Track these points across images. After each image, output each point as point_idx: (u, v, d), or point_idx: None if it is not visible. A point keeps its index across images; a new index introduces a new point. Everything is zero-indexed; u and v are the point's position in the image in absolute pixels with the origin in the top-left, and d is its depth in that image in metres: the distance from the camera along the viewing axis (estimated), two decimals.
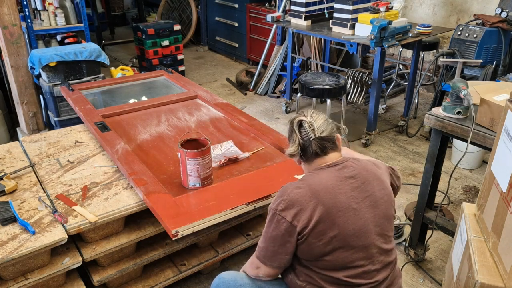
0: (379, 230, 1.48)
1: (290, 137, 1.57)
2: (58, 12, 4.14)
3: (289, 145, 1.56)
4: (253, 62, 6.03)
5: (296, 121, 1.53)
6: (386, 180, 1.57)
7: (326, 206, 1.40)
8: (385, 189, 1.53)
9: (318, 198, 1.41)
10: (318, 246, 1.40)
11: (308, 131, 1.49)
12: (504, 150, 1.48)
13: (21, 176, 2.22)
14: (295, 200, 1.42)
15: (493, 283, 1.39)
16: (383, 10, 3.53)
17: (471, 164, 3.47)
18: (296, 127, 1.51)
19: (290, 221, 1.40)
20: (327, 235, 1.39)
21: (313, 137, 1.49)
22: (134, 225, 2.07)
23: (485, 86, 2.20)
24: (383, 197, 1.51)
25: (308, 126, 1.50)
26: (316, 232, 1.39)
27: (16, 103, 3.77)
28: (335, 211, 1.40)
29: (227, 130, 2.70)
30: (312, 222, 1.39)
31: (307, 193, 1.42)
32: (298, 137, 1.51)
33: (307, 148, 1.51)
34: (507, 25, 3.29)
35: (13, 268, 1.76)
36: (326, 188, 1.43)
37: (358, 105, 4.70)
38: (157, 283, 2.12)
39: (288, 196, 1.44)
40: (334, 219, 1.40)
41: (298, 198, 1.42)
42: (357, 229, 1.42)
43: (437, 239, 2.69)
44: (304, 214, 1.40)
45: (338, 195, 1.43)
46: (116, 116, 2.86)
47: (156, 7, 7.81)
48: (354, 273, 1.44)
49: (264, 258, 1.50)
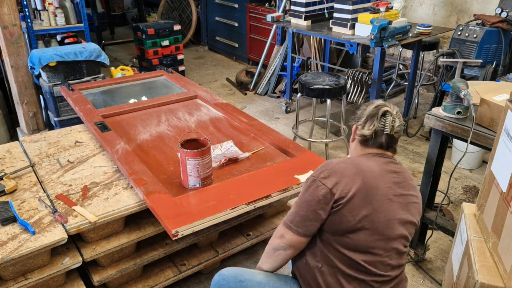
0: (403, 230, 1.50)
1: (368, 119, 1.58)
2: (58, 12, 4.14)
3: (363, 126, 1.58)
4: (253, 62, 6.03)
5: (383, 109, 1.56)
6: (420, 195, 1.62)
7: (366, 184, 1.44)
8: (418, 198, 1.57)
9: (361, 175, 1.45)
10: (348, 220, 1.42)
11: (387, 123, 1.54)
12: (504, 150, 1.48)
13: (21, 176, 2.22)
14: (339, 171, 1.46)
15: (493, 283, 1.39)
16: (383, 10, 3.53)
17: (471, 164, 3.47)
18: (380, 115, 1.55)
19: (330, 187, 1.43)
20: (360, 212, 1.42)
21: (388, 132, 1.54)
22: (134, 225, 2.07)
23: (485, 86, 2.20)
24: (415, 204, 1.55)
25: (391, 120, 1.54)
26: (351, 205, 1.42)
27: (16, 103, 3.78)
28: (373, 192, 1.44)
29: (227, 130, 2.70)
30: (350, 193, 1.42)
31: (352, 168, 1.47)
32: (377, 124, 1.55)
33: (378, 137, 1.56)
34: (507, 25, 3.29)
35: (13, 268, 1.76)
36: (371, 170, 1.48)
37: (358, 105, 4.69)
38: (157, 283, 2.12)
39: (332, 167, 1.48)
40: (370, 199, 1.43)
41: (343, 170, 1.46)
42: (387, 219, 1.45)
43: (437, 239, 2.69)
44: (344, 185, 1.43)
45: (380, 181, 1.47)
46: (116, 116, 2.86)
47: (156, 7, 7.81)
48: (372, 259, 1.45)
49: (291, 223, 1.50)
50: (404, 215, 1.50)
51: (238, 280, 1.60)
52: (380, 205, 1.44)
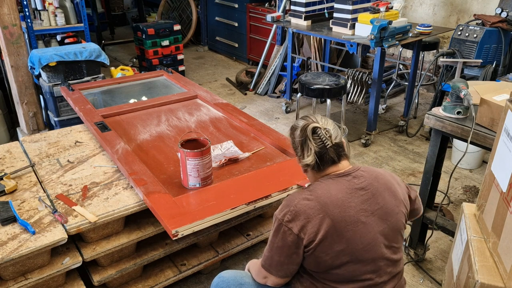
0: (388, 242, 1.44)
1: (302, 145, 1.46)
2: (58, 12, 4.14)
3: (302, 156, 1.46)
4: (253, 62, 6.03)
5: (309, 128, 1.43)
6: (400, 191, 1.51)
7: (334, 220, 1.35)
8: (396, 200, 1.47)
9: (326, 211, 1.36)
10: (325, 260, 1.37)
11: (323, 138, 1.42)
12: (504, 150, 1.48)
13: (21, 176, 2.22)
14: (302, 212, 1.37)
15: (493, 283, 1.39)
16: (383, 10, 3.53)
17: (471, 164, 3.47)
18: (310, 135, 1.43)
19: (297, 233, 1.36)
20: (334, 249, 1.36)
21: (330, 144, 1.43)
22: (134, 225, 2.07)
23: (485, 86, 2.20)
24: (394, 209, 1.46)
25: (324, 133, 1.43)
26: (323, 246, 1.36)
27: (16, 103, 3.77)
28: (343, 225, 1.36)
29: (227, 130, 2.70)
30: (319, 235, 1.35)
31: (315, 206, 1.37)
32: (313, 145, 1.42)
33: (323, 156, 1.43)
34: (507, 25, 3.29)
35: (13, 268, 1.76)
36: (336, 200, 1.38)
37: (358, 105, 4.70)
38: (157, 283, 2.12)
39: (295, 207, 1.38)
40: (342, 233, 1.36)
41: (306, 209, 1.37)
42: (366, 243, 1.39)
43: (437, 239, 2.69)
44: (311, 227, 1.35)
45: (347, 208, 1.38)
46: (116, 116, 2.86)
47: (156, 7, 7.81)
48: (361, 285, 1.41)
49: (270, 268, 1.46)
50: (385, 228, 1.43)
51: (238, 283, 1.59)
52: (354, 234, 1.37)
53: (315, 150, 1.43)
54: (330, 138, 1.43)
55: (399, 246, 1.50)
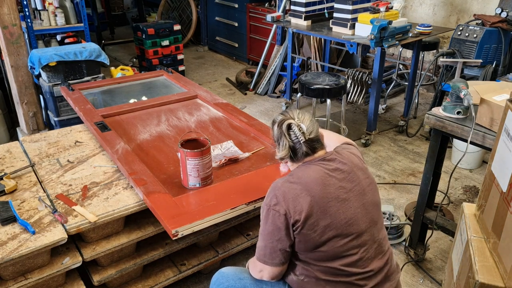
0: (370, 217, 1.51)
1: (278, 140, 1.55)
2: (58, 12, 4.14)
3: (278, 149, 1.56)
4: (253, 62, 6.03)
5: (285, 124, 1.51)
6: (366, 167, 1.61)
7: (316, 197, 1.43)
8: (369, 177, 1.56)
9: (309, 189, 1.44)
10: (313, 237, 1.42)
11: (297, 134, 1.50)
12: (504, 150, 1.48)
13: (21, 176, 2.22)
14: (287, 193, 1.44)
15: (493, 283, 1.39)
16: (383, 10, 3.53)
17: (471, 164, 3.47)
18: (285, 131, 1.51)
19: (284, 213, 1.42)
20: (320, 224, 1.42)
21: (303, 139, 1.50)
22: (134, 225, 2.07)
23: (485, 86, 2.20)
24: (369, 185, 1.55)
25: (298, 129, 1.50)
26: (310, 223, 1.41)
27: (16, 103, 3.77)
28: (325, 201, 1.44)
29: (227, 130, 2.70)
30: (304, 212, 1.41)
31: (297, 186, 1.45)
32: (288, 140, 1.51)
33: (297, 150, 1.52)
34: (507, 25, 3.29)
35: (13, 268, 1.76)
36: (315, 179, 1.46)
37: (358, 105, 4.70)
38: (157, 283, 2.12)
39: (279, 190, 1.46)
40: (325, 209, 1.43)
41: (289, 190, 1.45)
42: (348, 217, 1.45)
43: (437, 239, 2.69)
44: (296, 205, 1.42)
45: (327, 186, 1.46)
46: (116, 116, 2.86)
47: (156, 7, 7.81)
48: (349, 261, 1.46)
49: (264, 257, 1.50)
50: (364, 203, 1.50)
51: (237, 278, 1.62)
52: (337, 210, 1.44)
53: (290, 144, 1.51)
54: (304, 134, 1.50)
55: (381, 222, 1.57)
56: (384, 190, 3.23)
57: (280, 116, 1.57)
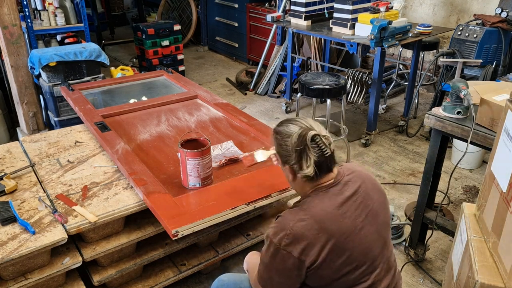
0: (382, 240, 1.44)
1: (300, 154, 1.35)
2: (58, 12, 4.14)
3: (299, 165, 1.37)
4: (253, 62, 6.03)
5: (308, 136, 1.33)
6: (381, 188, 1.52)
7: (334, 237, 1.31)
8: (380, 194, 1.48)
9: (326, 229, 1.31)
10: (329, 274, 1.34)
11: (323, 146, 1.33)
12: (504, 150, 1.48)
13: (21, 176, 2.22)
14: (300, 234, 1.30)
15: (493, 283, 1.39)
16: (383, 10, 3.53)
17: (471, 164, 3.47)
18: (310, 142, 1.33)
19: (298, 256, 1.30)
20: (337, 262, 1.33)
21: (329, 153, 1.34)
22: (134, 225, 2.07)
23: (485, 86, 2.20)
24: (381, 204, 1.46)
25: (324, 140, 1.34)
26: (327, 263, 1.32)
27: (16, 103, 3.77)
28: (342, 238, 1.32)
29: (227, 130, 2.70)
30: (322, 255, 1.30)
31: (313, 226, 1.31)
32: (313, 154, 1.33)
33: (321, 165, 1.35)
34: (507, 25, 3.29)
35: (13, 268, 1.76)
36: (331, 215, 1.34)
37: (358, 105, 4.70)
38: (157, 283, 2.12)
39: (291, 230, 1.31)
40: (342, 246, 1.32)
41: (304, 232, 1.30)
42: (365, 248, 1.37)
43: (437, 239, 2.69)
44: (313, 249, 1.30)
45: (343, 220, 1.34)
46: (116, 116, 2.86)
47: (156, 7, 7.80)
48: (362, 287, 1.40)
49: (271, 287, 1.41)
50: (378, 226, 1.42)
51: (238, 287, 1.59)
52: (354, 243, 1.33)
53: (315, 159, 1.34)
54: (329, 146, 1.35)
55: (389, 239, 1.50)
56: None
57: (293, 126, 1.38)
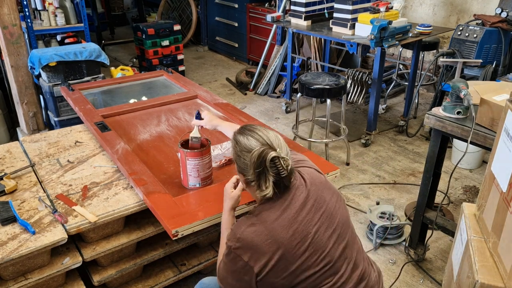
0: (341, 239, 1.42)
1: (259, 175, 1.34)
2: (58, 12, 4.14)
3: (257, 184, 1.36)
4: (253, 62, 6.03)
5: (268, 158, 1.32)
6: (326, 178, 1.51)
7: (283, 244, 1.31)
8: (334, 193, 1.48)
9: (274, 236, 1.31)
10: (281, 283, 1.33)
11: (280, 169, 1.33)
12: (504, 150, 1.48)
13: (21, 176, 2.22)
14: (250, 240, 1.32)
15: (493, 283, 1.39)
16: (383, 10, 3.53)
17: (471, 164, 3.47)
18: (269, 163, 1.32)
19: (246, 261, 1.32)
20: (288, 270, 1.32)
21: (285, 174, 1.34)
22: (134, 225, 2.07)
23: (485, 86, 2.20)
24: (336, 202, 1.46)
25: (282, 163, 1.33)
26: (276, 271, 1.31)
27: (16, 103, 3.78)
28: (294, 244, 1.32)
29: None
30: (270, 263, 1.31)
31: (263, 232, 1.32)
32: (272, 176, 1.33)
33: (279, 184, 1.36)
34: (507, 25, 3.29)
35: (13, 268, 1.76)
36: (282, 221, 1.34)
37: (358, 105, 4.70)
38: (157, 283, 2.12)
39: (241, 235, 1.34)
40: (293, 253, 1.32)
41: (254, 237, 1.32)
42: (320, 252, 1.35)
43: (437, 239, 2.69)
44: (260, 256, 1.31)
45: (294, 225, 1.34)
46: (116, 116, 2.85)
47: (156, 7, 7.81)
48: None
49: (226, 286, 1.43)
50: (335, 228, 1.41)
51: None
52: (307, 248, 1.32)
53: (273, 180, 1.34)
54: (287, 167, 1.34)
55: (352, 238, 1.47)
56: (384, 190, 3.23)
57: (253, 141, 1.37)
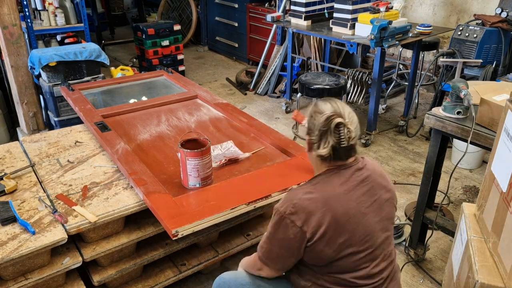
0: (384, 231, 1.49)
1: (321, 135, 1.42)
2: (58, 12, 4.14)
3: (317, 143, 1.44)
4: (253, 62, 6.03)
5: (334, 122, 1.39)
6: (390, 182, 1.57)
7: (336, 214, 1.38)
8: (389, 191, 1.53)
9: (329, 205, 1.38)
10: (327, 253, 1.39)
11: (343, 137, 1.40)
12: (504, 150, 1.48)
13: (21, 176, 2.22)
14: (305, 206, 1.38)
15: (493, 283, 1.39)
16: (383, 10, 3.53)
17: (471, 164, 3.47)
18: (334, 127, 1.40)
19: (300, 226, 1.37)
20: (337, 242, 1.38)
21: (346, 144, 1.41)
22: (134, 225, 2.07)
23: (485, 86, 2.20)
24: (388, 199, 1.52)
25: (345, 132, 1.40)
26: (326, 239, 1.37)
27: (16, 103, 3.78)
28: (345, 218, 1.39)
29: (227, 130, 2.70)
30: (321, 229, 1.36)
31: (318, 200, 1.39)
32: (332, 139, 1.40)
33: (335, 151, 1.42)
34: (507, 25, 3.29)
35: (13, 268, 1.76)
36: (337, 194, 1.41)
37: (358, 105, 4.70)
38: (157, 283, 2.12)
39: (298, 201, 1.40)
40: (344, 226, 1.38)
41: (309, 204, 1.38)
42: (366, 233, 1.42)
43: (437, 239, 2.69)
44: (313, 222, 1.36)
45: (349, 201, 1.41)
46: (116, 116, 2.86)
47: (156, 7, 7.81)
48: (360, 274, 1.43)
49: (267, 260, 1.49)
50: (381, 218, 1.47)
51: (239, 283, 1.60)
52: (356, 226, 1.40)
53: (332, 144, 1.40)
54: (350, 139, 1.41)
55: (391, 234, 1.55)
56: None
57: (328, 105, 1.44)
